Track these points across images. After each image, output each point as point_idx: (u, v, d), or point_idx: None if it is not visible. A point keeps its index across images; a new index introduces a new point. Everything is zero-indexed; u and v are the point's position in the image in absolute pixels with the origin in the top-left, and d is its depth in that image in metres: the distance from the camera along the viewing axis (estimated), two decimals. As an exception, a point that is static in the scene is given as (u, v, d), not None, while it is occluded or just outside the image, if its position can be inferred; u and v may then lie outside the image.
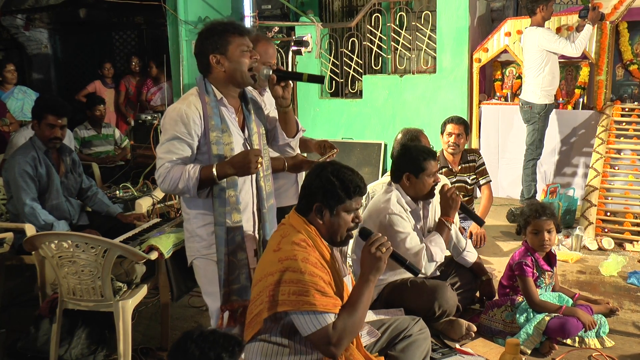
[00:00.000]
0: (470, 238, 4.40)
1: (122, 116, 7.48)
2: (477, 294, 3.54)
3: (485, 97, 6.39)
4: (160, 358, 3.06)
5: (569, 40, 5.14)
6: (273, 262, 2.09)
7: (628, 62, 5.97)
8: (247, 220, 2.49)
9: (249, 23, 6.65)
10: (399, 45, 6.58)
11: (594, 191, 4.96)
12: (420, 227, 3.26)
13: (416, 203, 3.23)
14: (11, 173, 3.49)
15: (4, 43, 8.83)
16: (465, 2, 6.04)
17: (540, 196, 5.33)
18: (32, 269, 3.32)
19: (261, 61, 2.68)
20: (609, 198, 5.04)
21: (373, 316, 2.76)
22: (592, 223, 4.75)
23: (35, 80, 8.71)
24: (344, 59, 6.85)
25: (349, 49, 6.78)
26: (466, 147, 4.69)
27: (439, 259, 3.13)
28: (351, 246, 3.29)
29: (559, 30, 5.62)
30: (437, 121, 4.81)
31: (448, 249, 3.39)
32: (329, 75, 6.91)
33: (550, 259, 3.25)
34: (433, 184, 3.17)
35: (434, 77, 6.33)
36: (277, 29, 6.76)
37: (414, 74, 6.56)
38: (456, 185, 4.47)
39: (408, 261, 2.27)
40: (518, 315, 3.08)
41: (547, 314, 3.00)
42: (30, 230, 3.29)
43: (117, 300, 2.75)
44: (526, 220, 3.20)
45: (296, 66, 6.44)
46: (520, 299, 3.16)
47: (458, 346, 3.00)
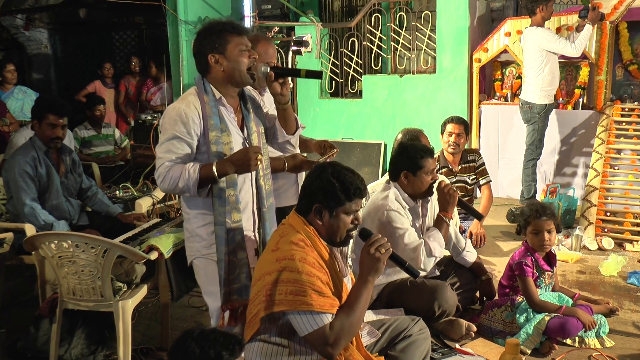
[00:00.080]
0: (470, 238, 4.40)
1: (122, 116, 7.48)
2: (477, 294, 3.54)
3: (485, 97, 6.39)
4: (160, 358, 3.05)
5: (568, 40, 5.14)
6: (271, 262, 2.08)
7: (628, 62, 5.98)
8: (247, 219, 2.49)
9: (249, 23, 6.66)
10: (398, 45, 6.57)
11: (594, 191, 4.96)
12: (419, 226, 3.26)
13: (415, 201, 3.23)
14: (11, 173, 3.49)
15: (4, 43, 8.82)
16: (465, 2, 6.04)
17: (540, 196, 5.33)
18: (32, 269, 3.32)
19: (261, 61, 2.68)
20: (609, 198, 5.04)
21: (373, 316, 2.76)
22: (592, 223, 4.75)
23: (35, 80, 8.70)
24: (344, 59, 6.85)
25: (349, 49, 6.78)
26: (466, 147, 4.69)
27: (437, 254, 3.12)
28: (351, 246, 3.29)
29: (559, 30, 5.62)
30: (437, 121, 4.81)
31: (447, 248, 3.39)
32: (329, 76, 6.91)
33: (550, 259, 3.25)
34: (431, 182, 3.17)
35: (434, 77, 6.33)
36: (277, 29, 6.76)
37: (414, 74, 6.56)
38: (456, 185, 4.47)
39: (407, 263, 2.26)
40: (518, 315, 3.08)
41: (547, 314, 3.00)
42: (30, 230, 3.29)
43: (117, 300, 2.74)
44: (526, 220, 3.20)
45: (296, 66, 6.43)
46: (520, 299, 3.16)
47: (458, 346, 3.00)
